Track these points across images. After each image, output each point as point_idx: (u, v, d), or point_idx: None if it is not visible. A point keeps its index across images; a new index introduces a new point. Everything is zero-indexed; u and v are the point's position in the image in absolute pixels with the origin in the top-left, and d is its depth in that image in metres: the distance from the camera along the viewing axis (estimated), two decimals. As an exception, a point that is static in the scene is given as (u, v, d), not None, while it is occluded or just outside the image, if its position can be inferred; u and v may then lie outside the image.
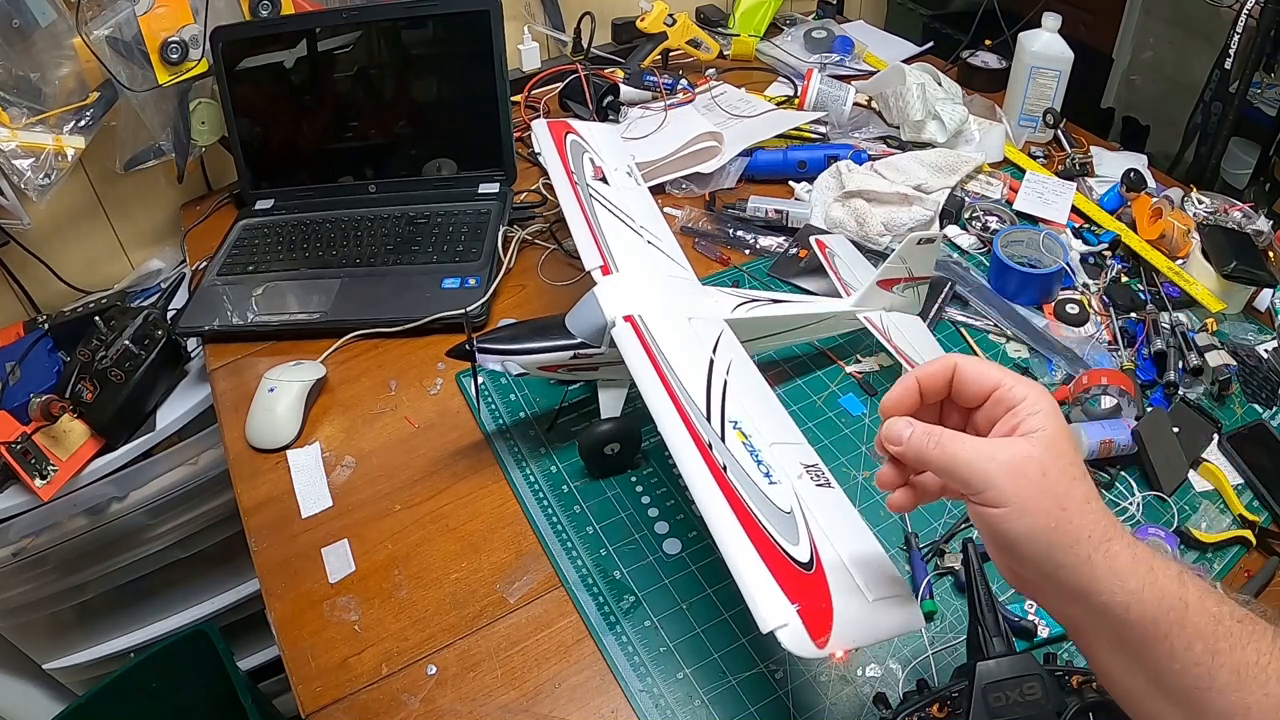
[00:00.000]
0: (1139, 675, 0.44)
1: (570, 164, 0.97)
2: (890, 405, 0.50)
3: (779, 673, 0.69)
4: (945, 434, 0.47)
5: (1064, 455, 0.45)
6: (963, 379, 0.48)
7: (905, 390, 0.49)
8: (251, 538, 0.83)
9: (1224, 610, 0.43)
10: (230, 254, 1.15)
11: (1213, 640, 0.42)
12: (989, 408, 0.48)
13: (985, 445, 0.46)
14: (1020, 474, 0.44)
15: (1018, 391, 0.46)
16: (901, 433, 0.48)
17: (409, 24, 1.20)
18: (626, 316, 0.77)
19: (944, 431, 0.47)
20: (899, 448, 0.48)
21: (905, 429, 0.48)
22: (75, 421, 1.02)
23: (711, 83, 1.45)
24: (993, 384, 0.47)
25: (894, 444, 0.48)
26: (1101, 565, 0.43)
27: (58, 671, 1.21)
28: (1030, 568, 0.45)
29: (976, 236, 1.13)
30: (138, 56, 1.10)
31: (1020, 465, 0.44)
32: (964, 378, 0.48)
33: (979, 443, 0.46)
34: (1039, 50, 1.27)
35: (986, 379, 0.48)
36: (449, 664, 0.72)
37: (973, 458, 0.45)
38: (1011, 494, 0.44)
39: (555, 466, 0.87)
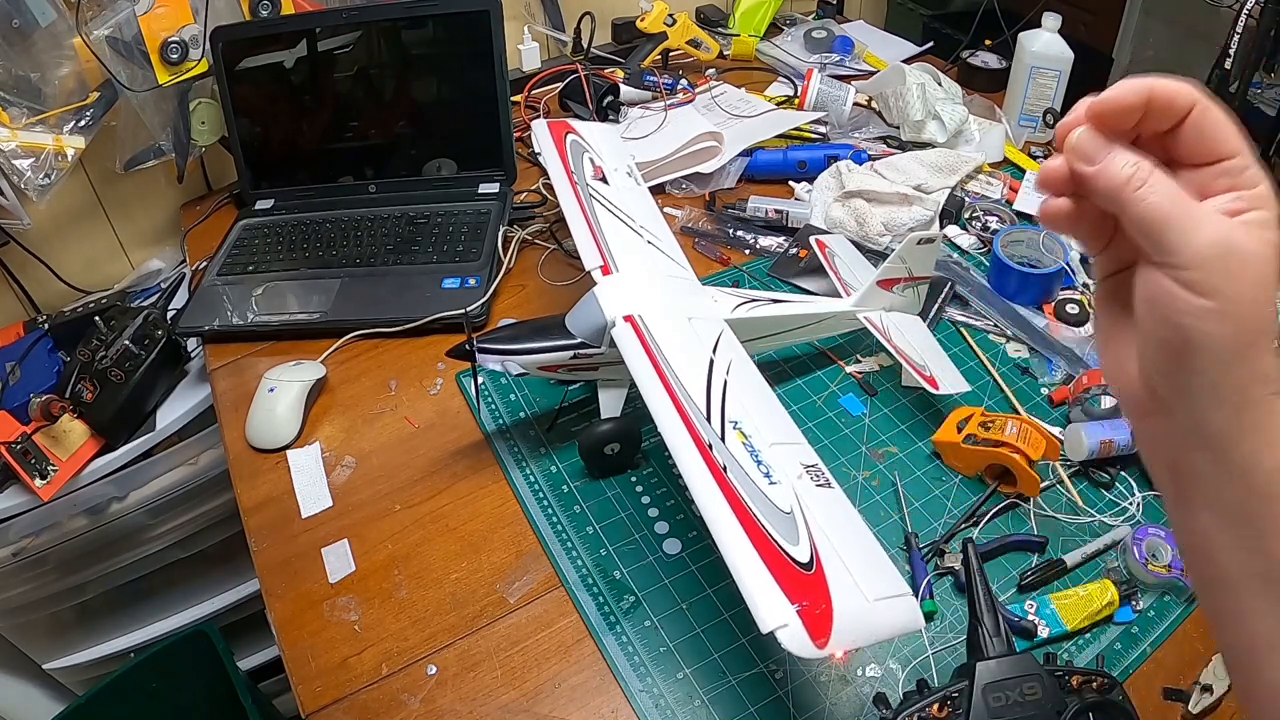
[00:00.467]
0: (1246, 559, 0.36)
1: (570, 164, 0.97)
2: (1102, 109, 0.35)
3: (779, 673, 0.69)
4: (1158, 176, 0.34)
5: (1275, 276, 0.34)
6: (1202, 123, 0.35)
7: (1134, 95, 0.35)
8: (251, 538, 0.84)
9: None
10: (230, 254, 1.15)
11: None
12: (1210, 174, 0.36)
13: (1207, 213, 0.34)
14: (1239, 269, 0.33)
15: (1253, 174, 0.35)
16: (1098, 151, 0.35)
17: (409, 24, 1.20)
18: (626, 316, 0.77)
19: (1156, 171, 0.34)
20: (1090, 168, 0.35)
21: (1105, 147, 0.35)
22: (75, 421, 1.02)
23: (711, 83, 1.45)
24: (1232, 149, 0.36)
25: (1085, 161, 0.35)
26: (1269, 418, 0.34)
27: (58, 671, 1.21)
28: (1182, 382, 0.35)
29: (976, 236, 1.13)
30: (138, 56, 1.10)
31: (1243, 259, 0.33)
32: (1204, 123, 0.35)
33: (1201, 208, 0.34)
34: (1039, 50, 1.27)
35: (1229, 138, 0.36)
36: (449, 664, 0.72)
37: (1194, 224, 0.33)
38: (1224, 289, 0.33)
39: (555, 466, 0.87)
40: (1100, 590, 0.72)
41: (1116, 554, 0.76)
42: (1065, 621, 0.70)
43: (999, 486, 0.82)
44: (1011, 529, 0.79)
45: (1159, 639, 0.71)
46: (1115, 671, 0.68)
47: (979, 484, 0.83)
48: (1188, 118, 0.35)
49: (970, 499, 0.81)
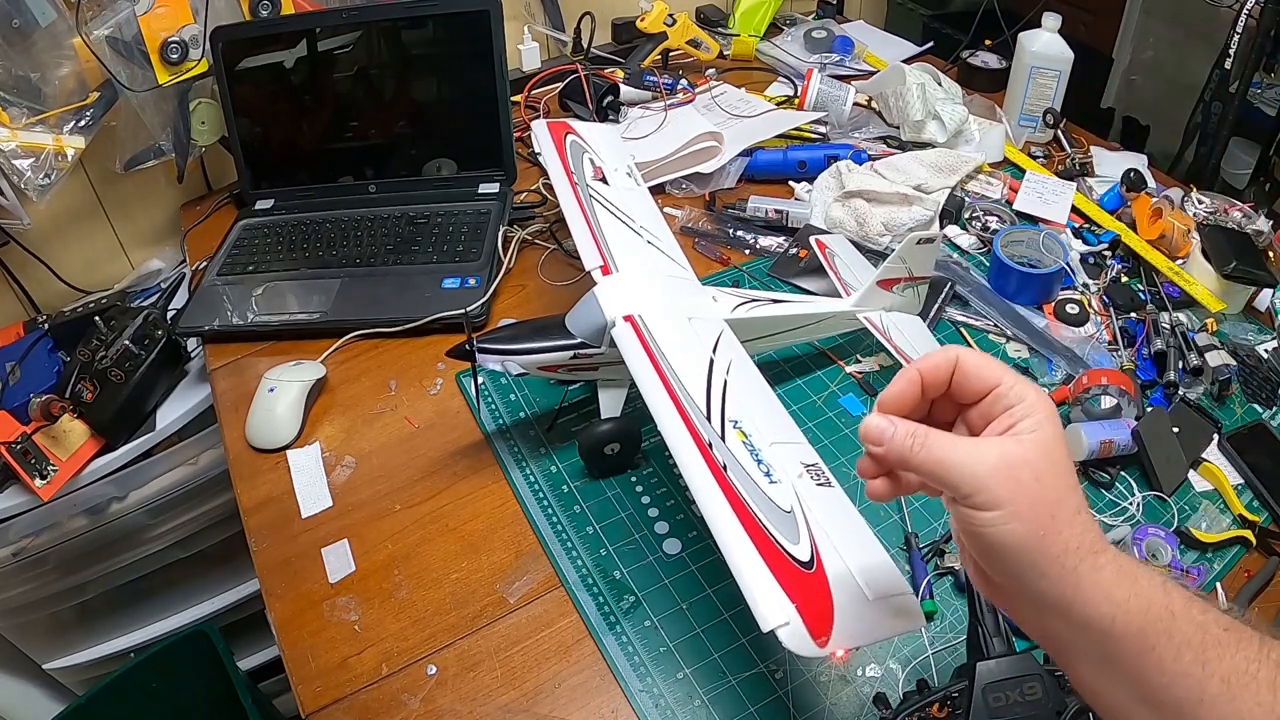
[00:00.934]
0: (1126, 690, 0.42)
1: (570, 164, 0.97)
2: (890, 401, 0.46)
3: (779, 672, 0.69)
4: (931, 434, 0.44)
5: (1058, 462, 0.43)
6: (964, 373, 0.45)
7: (908, 384, 0.46)
8: (251, 538, 0.83)
9: (1210, 618, 0.41)
10: (230, 254, 1.15)
11: (1201, 649, 0.40)
12: (987, 404, 0.45)
13: (976, 446, 0.43)
14: (1013, 478, 0.42)
15: (1018, 391, 0.44)
16: (883, 432, 0.45)
17: (409, 24, 1.20)
18: (626, 316, 0.77)
19: (930, 431, 0.44)
20: (879, 449, 0.45)
21: (887, 427, 0.45)
22: (75, 421, 1.02)
23: (711, 83, 1.45)
24: (994, 380, 0.45)
25: (874, 444, 0.45)
26: (1088, 578, 0.41)
27: (58, 671, 1.21)
28: (1010, 577, 0.43)
29: (976, 236, 1.13)
30: (138, 56, 1.10)
31: (1014, 469, 0.42)
32: (965, 372, 0.45)
33: (969, 443, 0.44)
34: (1039, 50, 1.27)
35: (988, 374, 0.45)
36: (449, 664, 0.72)
37: (963, 459, 0.43)
38: (1004, 498, 0.41)
39: (555, 466, 0.87)
40: (1100, 590, 0.71)
41: (1116, 554, 0.76)
42: (1065, 621, 0.70)
43: (999, 486, 0.81)
44: (1011, 529, 0.78)
45: (1159, 639, 0.70)
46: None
47: (979, 484, 0.83)
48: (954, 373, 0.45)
49: (970, 499, 0.81)
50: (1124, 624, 0.41)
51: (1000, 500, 0.41)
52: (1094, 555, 0.42)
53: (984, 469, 0.42)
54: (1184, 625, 0.41)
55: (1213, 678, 0.40)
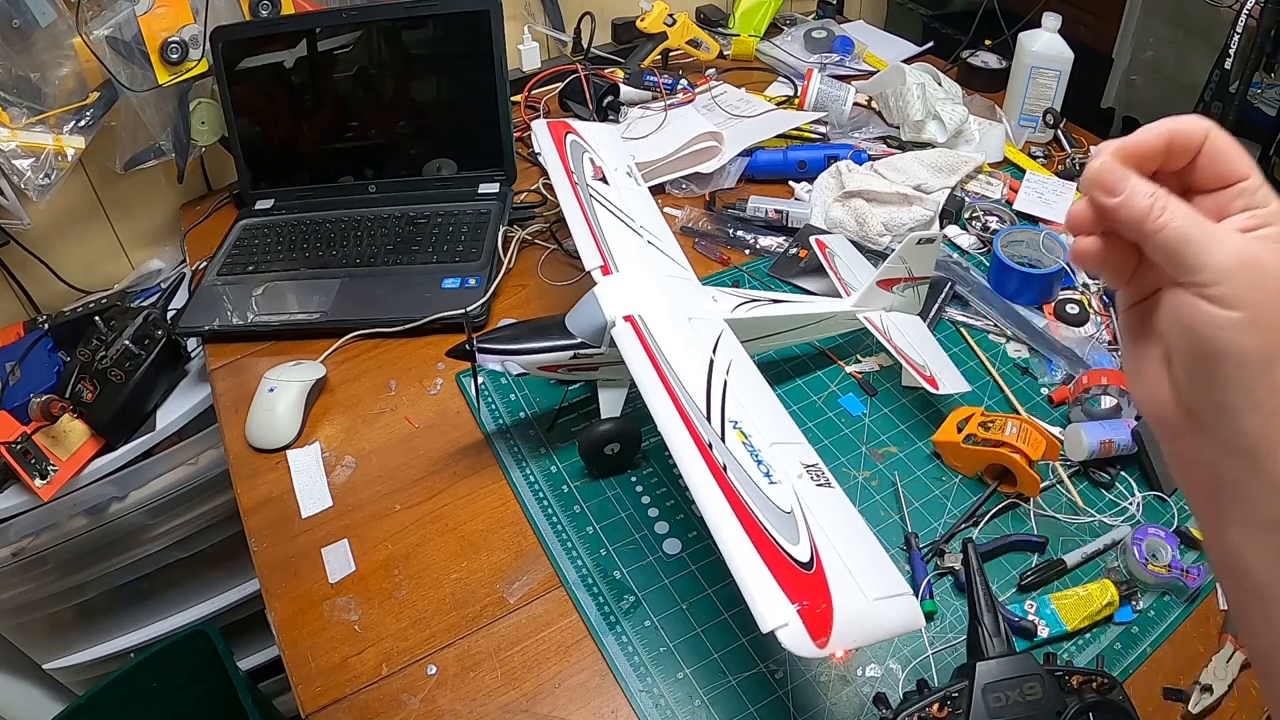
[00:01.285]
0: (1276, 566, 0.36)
1: (570, 164, 0.97)
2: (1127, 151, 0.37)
3: (779, 673, 0.69)
4: (1174, 201, 0.36)
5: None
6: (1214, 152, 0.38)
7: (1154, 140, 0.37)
8: (251, 538, 0.83)
9: None
10: (230, 254, 1.15)
11: None
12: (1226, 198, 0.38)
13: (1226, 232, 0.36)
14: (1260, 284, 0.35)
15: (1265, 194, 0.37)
16: (1119, 181, 0.37)
17: (409, 24, 1.20)
18: (626, 316, 0.77)
19: (1172, 197, 0.36)
20: (1113, 199, 0.37)
21: (1126, 176, 0.37)
22: (75, 421, 1.02)
23: (711, 83, 1.45)
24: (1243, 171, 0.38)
25: (1108, 193, 0.37)
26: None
27: (58, 671, 1.21)
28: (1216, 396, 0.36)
29: (976, 236, 1.13)
30: (138, 56, 1.10)
31: (1263, 273, 0.35)
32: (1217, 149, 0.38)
33: (1217, 228, 0.36)
34: (1039, 50, 1.27)
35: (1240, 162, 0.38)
36: (449, 664, 0.72)
37: (1210, 241, 0.35)
38: (1248, 299, 0.35)
39: (555, 466, 0.87)
40: (1100, 590, 0.72)
41: (1116, 554, 0.76)
42: (1065, 621, 0.70)
43: (999, 486, 0.82)
44: (1011, 529, 0.79)
45: (1159, 639, 0.71)
46: (1115, 671, 0.68)
47: (979, 484, 0.83)
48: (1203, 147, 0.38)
49: (970, 499, 0.81)
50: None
51: (1245, 300, 0.35)
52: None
53: (1233, 260, 0.35)
54: None
55: None
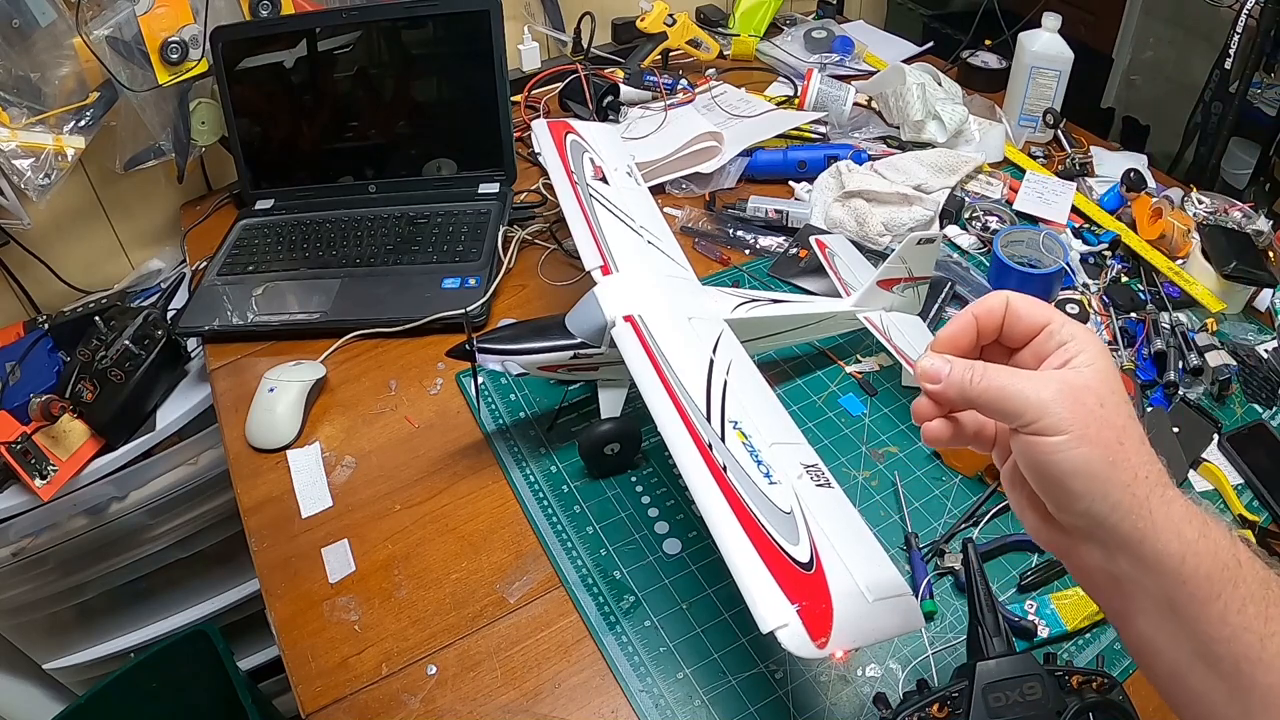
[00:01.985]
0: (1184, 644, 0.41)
1: (570, 164, 0.97)
2: (944, 342, 0.46)
3: (779, 673, 0.69)
4: (989, 366, 0.44)
5: (1117, 391, 0.42)
6: (1015, 313, 0.45)
7: (963, 326, 0.46)
8: (251, 538, 0.83)
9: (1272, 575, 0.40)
10: (230, 254, 1.15)
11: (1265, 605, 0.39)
12: (1039, 343, 0.45)
13: (1037, 375, 0.43)
14: (1078, 401, 0.41)
15: (1069, 329, 0.44)
16: (939, 369, 0.45)
17: (409, 24, 1.20)
18: (626, 316, 0.77)
19: (987, 364, 0.44)
20: (937, 385, 0.45)
21: (943, 365, 0.45)
22: (75, 421, 1.02)
23: (711, 83, 1.45)
24: (1044, 319, 0.45)
25: (931, 381, 0.45)
26: (1159, 509, 0.40)
27: (58, 671, 1.21)
28: (1080, 509, 0.41)
29: (976, 236, 1.13)
30: (138, 56, 1.10)
31: (1077, 393, 0.41)
32: (1016, 312, 0.45)
33: (1029, 374, 0.43)
34: (1039, 50, 1.27)
35: (1039, 313, 0.45)
36: (449, 664, 0.72)
37: (1025, 386, 0.42)
38: (1069, 420, 0.40)
39: (555, 466, 0.87)
40: (1100, 590, 0.72)
41: (1116, 554, 0.76)
42: (1065, 621, 0.70)
43: (999, 486, 0.82)
44: (1011, 529, 0.79)
45: (1159, 639, 0.71)
46: (1115, 671, 0.68)
47: (979, 484, 0.83)
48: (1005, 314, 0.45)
49: (970, 499, 0.81)
50: (1193, 565, 0.40)
51: (1067, 423, 0.40)
52: (1163, 488, 0.41)
53: (1048, 394, 0.41)
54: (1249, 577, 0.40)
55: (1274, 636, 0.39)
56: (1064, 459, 0.41)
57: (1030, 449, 0.42)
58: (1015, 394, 0.42)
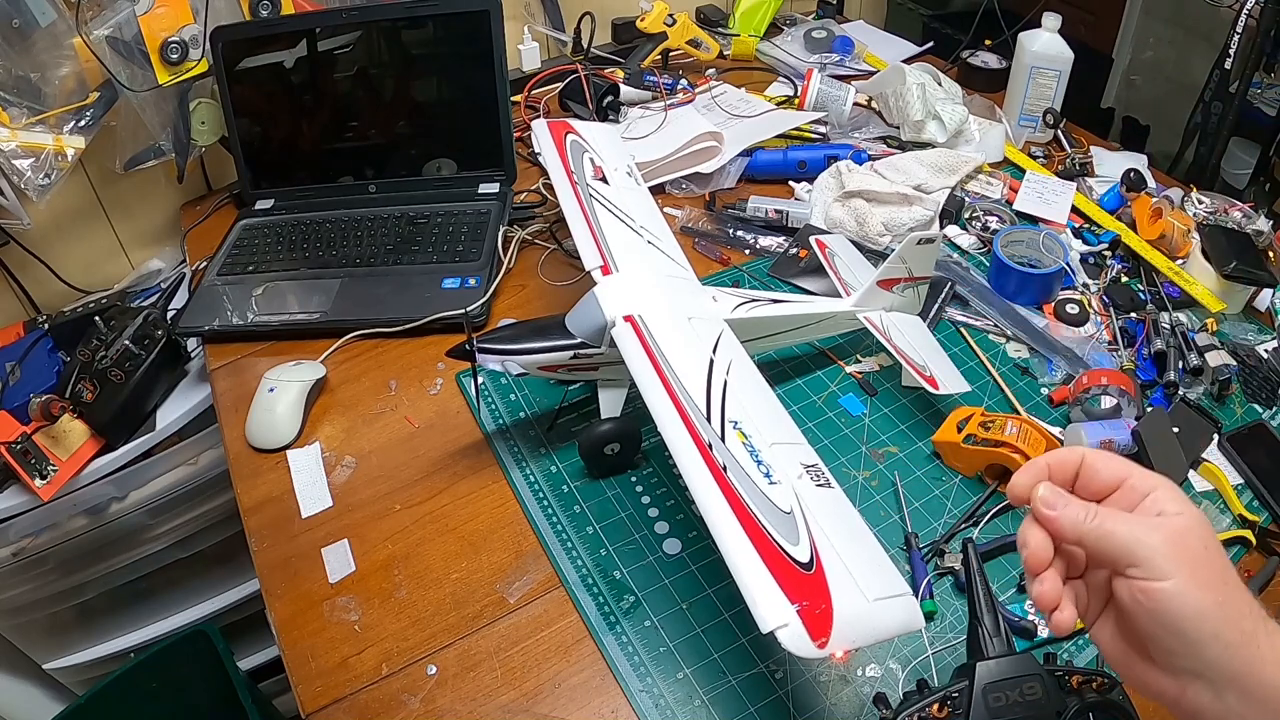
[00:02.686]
0: None
1: (570, 164, 0.97)
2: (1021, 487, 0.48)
3: (779, 673, 0.69)
4: (1100, 508, 0.45)
5: (1213, 534, 0.44)
6: (1092, 467, 0.47)
7: (1035, 471, 0.48)
8: (251, 538, 0.83)
9: None
10: (230, 254, 1.15)
11: None
12: (1120, 496, 0.46)
13: (1143, 520, 0.44)
14: (1183, 546, 0.42)
15: (1150, 480, 0.46)
16: (1056, 501, 0.46)
17: (409, 24, 1.20)
18: (626, 316, 0.77)
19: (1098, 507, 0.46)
20: (1053, 512, 0.46)
21: (1059, 498, 0.46)
22: (75, 421, 1.02)
23: (711, 83, 1.45)
24: (1124, 473, 0.46)
25: (1049, 508, 0.46)
26: (1265, 643, 0.41)
27: (58, 671, 1.21)
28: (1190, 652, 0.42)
29: (976, 236, 1.13)
30: (138, 56, 1.10)
31: (1183, 538, 0.43)
32: (1093, 465, 0.47)
33: (1135, 517, 0.44)
34: (1039, 50, 1.27)
35: (1117, 467, 0.47)
36: (449, 664, 0.72)
37: (1135, 529, 0.43)
38: (1176, 566, 0.42)
39: (555, 466, 0.87)
40: (1100, 590, 0.71)
41: (1116, 554, 0.76)
42: (1065, 621, 0.70)
43: (999, 486, 0.82)
44: (1011, 529, 0.79)
45: (1159, 639, 0.71)
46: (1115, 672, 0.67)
47: (979, 484, 0.83)
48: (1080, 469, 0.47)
49: (970, 499, 0.81)
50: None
51: (1176, 568, 0.42)
52: (1265, 621, 0.42)
53: (1157, 538, 0.42)
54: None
55: None
56: (1179, 604, 0.41)
57: (1141, 595, 0.43)
58: (1125, 536, 0.43)
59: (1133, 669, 0.46)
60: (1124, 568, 0.43)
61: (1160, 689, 0.45)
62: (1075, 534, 0.45)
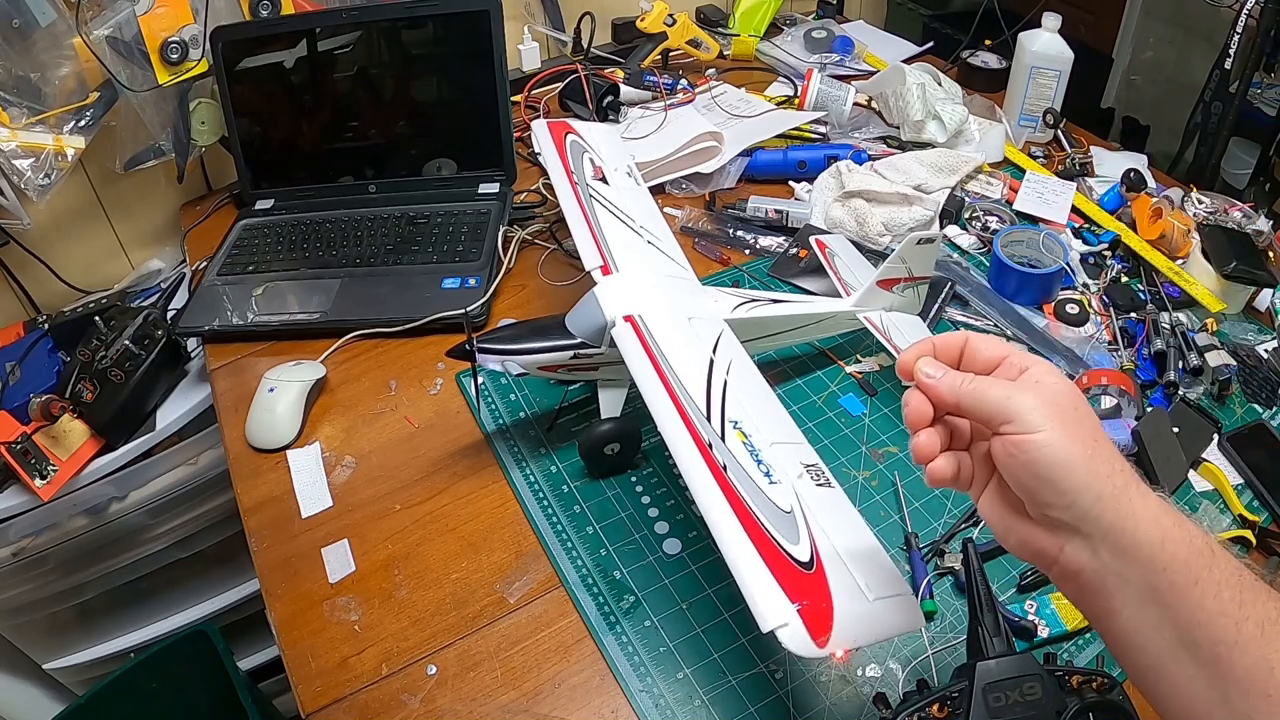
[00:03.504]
0: (1165, 634, 0.43)
1: (570, 164, 0.97)
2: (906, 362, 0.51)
3: (779, 673, 0.69)
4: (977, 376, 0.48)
5: (1084, 402, 0.46)
6: (974, 347, 0.50)
7: (921, 349, 0.51)
8: (251, 538, 0.83)
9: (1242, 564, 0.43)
10: (230, 254, 1.15)
11: (1238, 590, 0.41)
12: (1000, 372, 0.49)
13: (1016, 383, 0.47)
14: (1055, 405, 0.45)
15: (1029, 358, 0.48)
16: (936, 371, 0.49)
17: (409, 24, 1.20)
18: (626, 316, 0.77)
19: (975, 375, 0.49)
20: (932, 380, 0.49)
21: (938, 369, 0.49)
22: (75, 421, 1.02)
23: (711, 83, 1.45)
24: (1004, 352, 0.49)
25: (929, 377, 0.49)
26: (1137, 499, 0.43)
27: (58, 671, 1.21)
28: (1064, 502, 0.44)
29: (976, 236, 1.13)
30: (138, 56, 1.10)
31: (1053, 398, 0.45)
32: (975, 346, 0.50)
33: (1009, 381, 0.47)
34: (1039, 50, 1.27)
35: (997, 346, 0.50)
36: (449, 664, 0.72)
37: (1007, 389, 0.46)
38: (1048, 419, 0.44)
39: (555, 466, 0.87)
40: (1100, 590, 0.72)
41: (1116, 554, 0.76)
42: (1065, 621, 0.70)
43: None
44: (1011, 529, 0.78)
45: (1159, 639, 0.71)
46: (1115, 671, 0.67)
47: (979, 484, 0.83)
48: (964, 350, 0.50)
49: (970, 499, 0.81)
50: (1171, 552, 0.42)
51: (1047, 422, 0.44)
52: (1138, 483, 0.45)
53: (1029, 396, 0.45)
54: (1223, 564, 0.42)
55: (1248, 620, 0.41)
56: (1049, 453, 0.44)
57: (1015, 449, 0.45)
58: (1000, 396, 0.46)
59: (1015, 532, 0.48)
60: (999, 425, 0.46)
61: (1040, 547, 0.47)
62: (954, 397, 0.48)
